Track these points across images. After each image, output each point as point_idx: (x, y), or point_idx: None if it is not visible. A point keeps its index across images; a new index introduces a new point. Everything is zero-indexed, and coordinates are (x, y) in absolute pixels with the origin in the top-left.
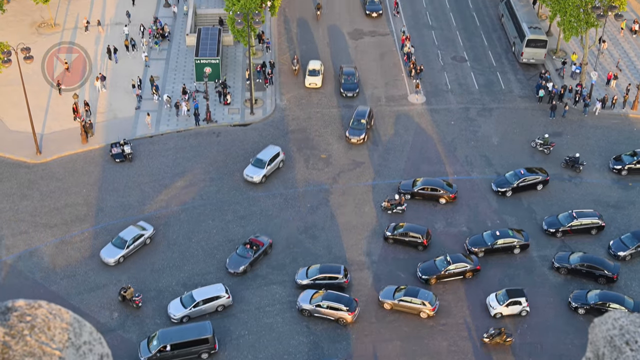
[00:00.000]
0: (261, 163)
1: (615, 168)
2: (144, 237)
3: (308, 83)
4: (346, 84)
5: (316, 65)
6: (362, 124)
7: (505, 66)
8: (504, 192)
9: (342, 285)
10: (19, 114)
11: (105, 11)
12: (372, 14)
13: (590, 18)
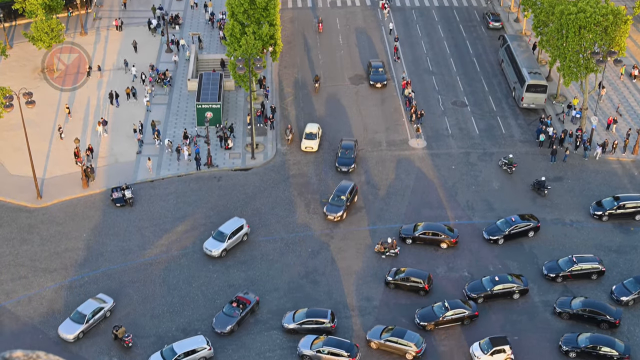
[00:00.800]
0: (222, 236)
1: (596, 214)
2: (104, 311)
3: (304, 147)
4: (342, 158)
5: (313, 128)
6: (342, 200)
7: (506, 111)
8: (495, 241)
9: (329, 330)
10: (20, 158)
11: (106, 57)
12: (377, 85)
13: (589, 63)
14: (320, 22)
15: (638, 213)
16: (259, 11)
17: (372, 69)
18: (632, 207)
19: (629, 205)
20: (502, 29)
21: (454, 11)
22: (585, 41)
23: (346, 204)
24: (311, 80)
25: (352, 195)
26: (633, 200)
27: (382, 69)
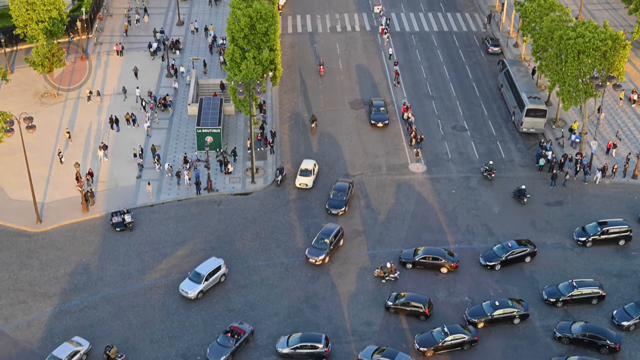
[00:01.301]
0: (199, 277)
1: (580, 240)
2: (80, 354)
3: (298, 183)
4: (334, 200)
5: (309, 164)
6: (325, 244)
7: (506, 135)
8: (492, 266)
9: (323, 354)
10: (20, 182)
11: (106, 82)
12: (378, 124)
13: (589, 88)
14: (322, 64)
15: (621, 238)
16: (260, 36)
17: (374, 107)
18: (616, 233)
19: (613, 231)
20: (502, 53)
21: (454, 36)
22: (584, 66)
23: (329, 248)
24: (312, 103)
25: (337, 239)
26: (616, 225)
27: (383, 108)
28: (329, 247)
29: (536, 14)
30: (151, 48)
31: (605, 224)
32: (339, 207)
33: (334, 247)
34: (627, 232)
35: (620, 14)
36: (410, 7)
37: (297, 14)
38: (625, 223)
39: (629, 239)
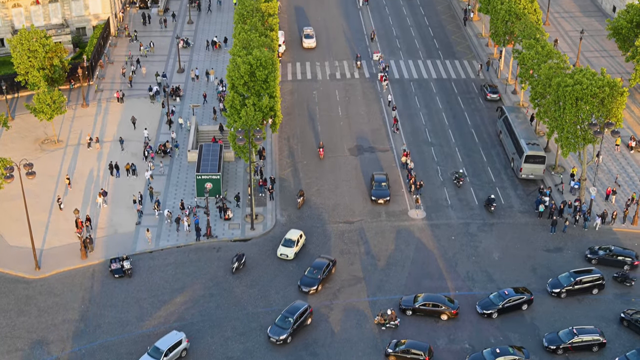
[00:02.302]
0: (158, 353)
1: (554, 291)
2: None
3: (279, 253)
4: (307, 278)
5: (294, 235)
6: (289, 323)
7: (505, 182)
8: (489, 315)
9: None
10: (19, 229)
11: (107, 129)
12: (379, 201)
13: (587, 135)
14: (322, 147)
15: (595, 287)
16: (259, 83)
17: (375, 182)
18: (589, 282)
19: (586, 280)
20: (500, 100)
21: (452, 83)
22: (583, 113)
23: (293, 327)
24: (311, 149)
25: (303, 318)
26: (589, 274)
27: (385, 183)
28: (292, 327)
29: (534, 62)
30: (151, 92)
31: (579, 274)
32: (311, 286)
33: (298, 327)
34: (600, 280)
35: (617, 61)
36: (409, 55)
37: (297, 61)
38: (597, 272)
39: (602, 287)
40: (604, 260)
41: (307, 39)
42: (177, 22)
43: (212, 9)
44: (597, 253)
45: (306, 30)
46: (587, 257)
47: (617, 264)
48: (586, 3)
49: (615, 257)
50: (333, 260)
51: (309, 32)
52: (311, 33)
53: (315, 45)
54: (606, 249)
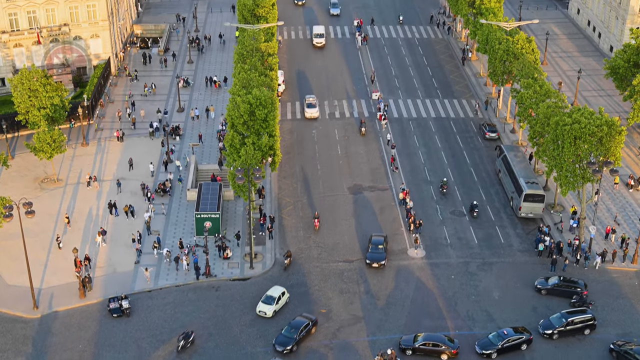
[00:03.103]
0: None
1: (546, 333)
2: None
3: (258, 310)
4: (282, 337)
5: (275, 291)
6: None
7: (504, 220)
8: (488, 355)
9: None
10: (18, 268)
11: (106, 168)
12: (373, 264)
13: (586, 173)
14: (317, 217)
15: (587, 327)
16: (259, 122)
17: (372, 245)
18: (581, 322)
19: (578, 321)
20: (499, 139)
21: (451, 122)
22: (581, 151)
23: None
24: (310, 188)
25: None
26: (581, 315)
27: (382, 246)
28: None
29: (532, 101)
30: (151, 128)
31: (571, 314)
32: (286, 345)
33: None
34: (592, 320)
35: (615, 100)
36: (408, 94)
37: (296, 100)
38: (589, 312)
39: (593, 327)
40: (553, 291)
41: (309, 109)
42: (177, 61)
43: (213, 48)
44: (547, 283)
45: (309, 99)
46: (537, 288)
47: (567, 293)
48: (584, 43)
49: (565, 287)
50: (314, 320)
51: (311, 100)
52: (314, 102)
53: (318, 115)
54: (556, 279)
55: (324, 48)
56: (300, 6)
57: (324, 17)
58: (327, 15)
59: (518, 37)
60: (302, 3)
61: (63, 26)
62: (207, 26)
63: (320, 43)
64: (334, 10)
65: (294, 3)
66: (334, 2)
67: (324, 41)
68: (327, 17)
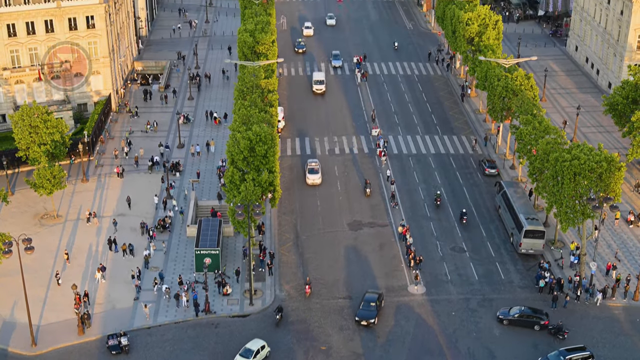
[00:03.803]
0: None
1: None
2: None
3: None
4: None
5: (254, 344)
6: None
7: (504, 257)
8: None
9: None
10: (16, 304)
11: (106, 204)
12: (362, 322)
13: (586, 209)
14: (309, 283)
15: None
16: (259, 159)
17: (364, 302)
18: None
19: (576, 359)
20: (498, 175)
21: (450, 158)
22: (581, 187)
23: None
24: (310, 223)
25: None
26: (580, 352)
27: (374, 303)
28: None
29: (531, 137)
30: (151, 162)
31: (570, 352)
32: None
33: None
34: (590, 358)
35: (614, 136)
36: (408, 130)
37: (296, 136)
38: (588, 350)
39: None
40: (515, 321)
41: (311, 175)
42: (177, 98)
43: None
44: (509, 313)
45: (311, 164)
46: (499, 318)
47: (529, 324)
48: (582, 80)
49: (527, 317)
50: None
51: (313, 165)
52: (316, 167)
53: (321, 182)
54: (518, 309)
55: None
56: (301, 54)
57: (326, 65)
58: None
59: (517, 74)
60: (302, 51)
61: (64, 63)
62: (207, 63)
63: (320, 90)
64: (335, 62)
65: (295, 51)
66: (336, 54)
67: (324, 88)
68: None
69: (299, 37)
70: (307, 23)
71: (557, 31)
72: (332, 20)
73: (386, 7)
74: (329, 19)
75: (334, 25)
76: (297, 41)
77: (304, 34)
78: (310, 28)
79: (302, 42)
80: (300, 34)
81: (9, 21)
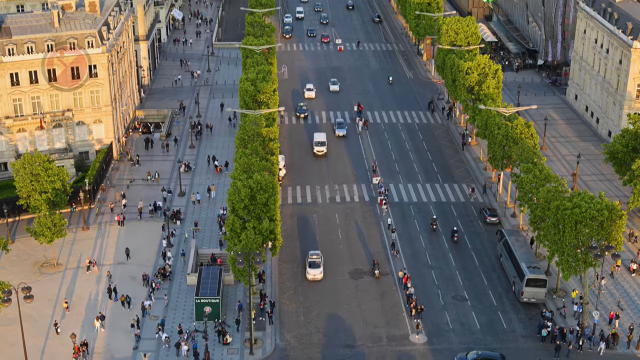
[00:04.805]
0: None
1: None
2: None
3: None
4: None
5: None
6: None
7: (506, 305)
8: None
9: None
10: (15, 353)
11: (106, 252)
12: None
13: (588, 258)
14: None
15: None
16: (260, 207)
17: None
18: None
19: None
20: (500, 223)
21: (451, 206)
22: (582, 236)
23: None
24: None
25: None
26: None
27: None
28: None
29: (532, 185)
30: (154, 206)
31: None
32: None
33: None
34: None
35: (615, 184)
36: (408, 179)
37: (297, 185)
38: None
39: None
40: None
41: (312, 269)
42: (179, 146)
43: (215, 133)
44: (467, 358)
45: (312, 256)
46: None
47: None
48: (582, 128)
49: None
50: None
51: (315, 258)
52: (318, 261)
53: (322, 277)
54: (475, 353)
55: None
56: (303, 118)
57: (328, 128)
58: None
59: (517, 122)
60: (304, 116)
61: (66, 111)
62: (208, 112)
63: (322, 152)
64: (339, 131)
65: (296, 115)
66: (340, 122)
67: (325, 149)
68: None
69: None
70: (308, 85)
71: (556, 80)
72: (335, 86)
73: (386, 56)
74: (332, 84)
75: (338, 91)
76: (299, 105)
77: (305, 96)
78: (312, 90)
79: (304, 107)
80: (301, 96)
81: (12, 70)
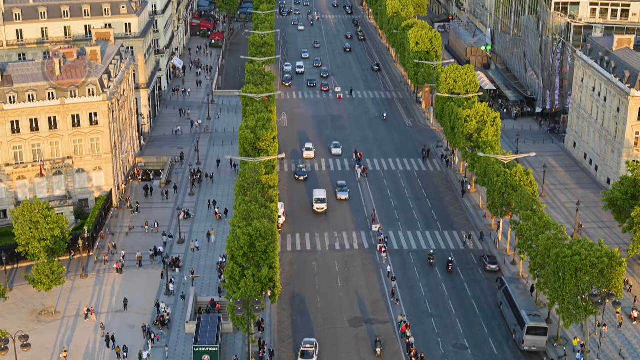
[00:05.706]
0: None
1: None
2: None
3: None
4: None
5: None
6: None
7: (507, 353)
8: None
9: None
10: None
11: (105, 300)
12: None
13: (588, 305)
14: None
15: None
16: (259, 254)
17: None
18: None
19: None
20: (499, 271)
21: (451, 253)
22: (582, 283)
23: None
24: (309, 320)
25: None
26: None
27: None
28: None
29: (532, 232)
30: (154, 251)
31: None
32: None
33: None
34: None
35: (614, 232)
36: (408, 226)
37: (297, 232)
38: None
39: None
40: None
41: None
42: (178, 194)
43: (215, 180)
44: None
45: (305, 346)
46: None
47: None
48: (581, 175)
49: None
50: None
51: (308, 348)
52: (311, 351)
53: None
54: None
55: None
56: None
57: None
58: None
59: (516, 170)
60: (303, 178)
61: (66, 159)
62: (208, 159)
63: (322, 209)
64: (342, 195)
65: (296, 178)
66: (342, 185)
67: (325, 207)
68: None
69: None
70: (308, 144)
71: (555, 128)
72: (337, 150)
73: (385, 104)
74: (335, 147)
75: (340, 154)
76: (299, 167)
77: (304, 156)
78: (312, 150)
79: (303, 169)
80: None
81: (13, 118)
